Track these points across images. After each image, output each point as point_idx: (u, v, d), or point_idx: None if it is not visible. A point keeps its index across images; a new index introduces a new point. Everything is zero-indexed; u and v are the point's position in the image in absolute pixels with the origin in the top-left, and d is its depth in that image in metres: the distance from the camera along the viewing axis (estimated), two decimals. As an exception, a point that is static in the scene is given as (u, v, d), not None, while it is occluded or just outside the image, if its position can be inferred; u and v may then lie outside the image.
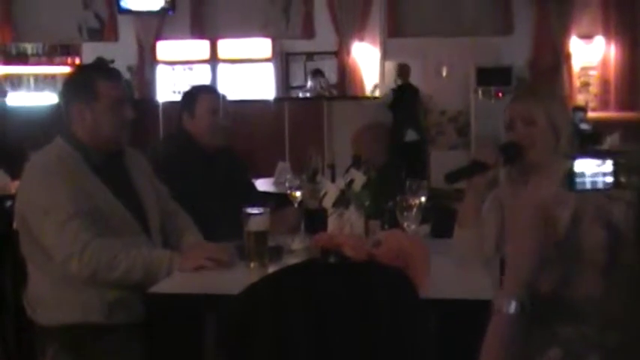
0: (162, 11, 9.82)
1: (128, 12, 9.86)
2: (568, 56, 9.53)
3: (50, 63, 10.31)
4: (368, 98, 9.28)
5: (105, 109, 2.31)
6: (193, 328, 2.11)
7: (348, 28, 9.63)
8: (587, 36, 9.58)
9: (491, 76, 9.40)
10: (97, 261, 2.16)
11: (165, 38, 10.10)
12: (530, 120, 2.14)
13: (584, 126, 8.38)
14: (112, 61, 8.60)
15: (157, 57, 10.12)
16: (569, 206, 2.06)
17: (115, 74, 2.46)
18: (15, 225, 2.37)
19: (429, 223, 2.63)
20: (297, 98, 9.23)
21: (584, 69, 9.68)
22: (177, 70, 10.24)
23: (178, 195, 2.65)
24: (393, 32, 9.78)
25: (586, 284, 2.10)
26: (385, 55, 9.74)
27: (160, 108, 8.31)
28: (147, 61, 10.02)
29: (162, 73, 10.20)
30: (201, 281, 2.15)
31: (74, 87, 2.38)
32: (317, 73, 9.25)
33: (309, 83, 9.25)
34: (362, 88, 9.72)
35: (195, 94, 3.12)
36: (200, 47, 10.14)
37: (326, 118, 7.69)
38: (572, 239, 2.08)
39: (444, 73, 9.73)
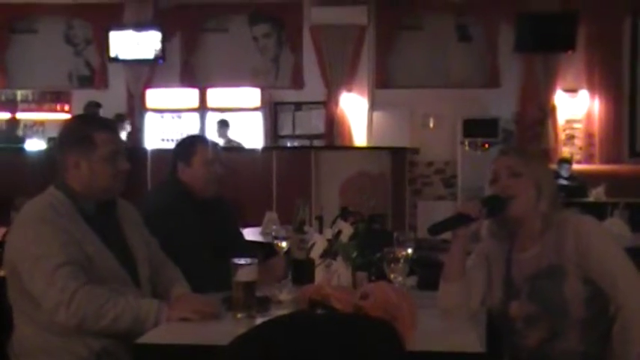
0: (153, 60, 9.92)
1: (119, 61, 9.96)
2: (553, 109, 9.68)
3: (39, 109, 10.36)
4: (356, 148, 9.35)
5: (100, 160, 2.33)
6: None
7: (336, 78, 9.75)
8: (572, 90, 9.74)
9: (478, 128, 9.51)
10: (85, 309, 2.16)
11: (155, 86, 10.19)
12: (514, 172, 2.18)
13: (568, 179, 8.46)
14: (101, 105, 8.66)
15: (146, 105, 10.19)
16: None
17: (111, 126, 2.49)
18: (3, 272, 2.36)
19: (416, 275, 2.65)
20: (286, 147, 9.30)
21: (569, 122, 9.83)
22: (166, 118, 10.29)
23: (170, 245, 2.66)
24: (381, 83, 9.92)
25: (570, 338, 2.12)
26: (373, 106, 9.85)
27: (149, 155, 8.32)
28: (136, 108, 10.08)
29: (151, 121, 10.25)
30: (189, 332, 2.14)
31: (70, 136, 2.39)
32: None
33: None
34: (350, 138, 9.81)
35: (191, 144, 3.14)
36: (189, 96, 10.22)
37: (314, 167, 7.73)
38: (558, 295, 2.11)
39: (431, 125, 9.84)
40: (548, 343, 2.14)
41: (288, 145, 9.48)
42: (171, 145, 3.41)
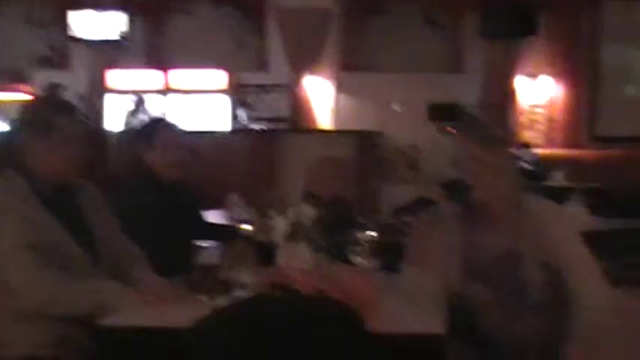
0: (117, 41, 9.79)
1: (81, 41, 9.80)
2: (515, 94, 9.78)
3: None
4: (322, 132, 9.35)
5: (58, 143, 2.31)
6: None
7: (301, 61, 9.72)
8: (533, 75, 9.84)
9: (443, 113, 9.57)
10: (46, 293, 2.15)
11: (118, 68, 10.05)
12: (475, 157, 2.20)
13: (530, 164, 8.57)
14: (63, 87, 8.54)
15: (109, 86, 10.05)
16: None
17: (71, 108, 2.46)
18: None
19: (379, 258, 2.67)
20: (251, 130, 9.25)
21: (531, 107, 9.92)
22: (129, 99, 10.16)
23: (132, 227, 2.64)
24: (347, 67, 9.91)
25: (527, 321, 2.16)
26: (338, 90, 9.85)
27: (110, 138, 8.23)
28: (98, 90, 9.94)
29: (113, 103, 10.11)
30: (151, 314, 2.14)
31: (29, 119, 2.36)
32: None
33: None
34: (315, 121, 9.80)
35: (154, 127, 3.12)
36: (153, 77, 10.11)
37: (279, 151, 7.72)
38: (516, 278, 2.14)
39: (397, 109, 9.87)
40: (506, 326, 2.18)
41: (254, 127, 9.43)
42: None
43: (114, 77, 10.07)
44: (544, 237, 2.11)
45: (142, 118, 8.83)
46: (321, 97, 9.86)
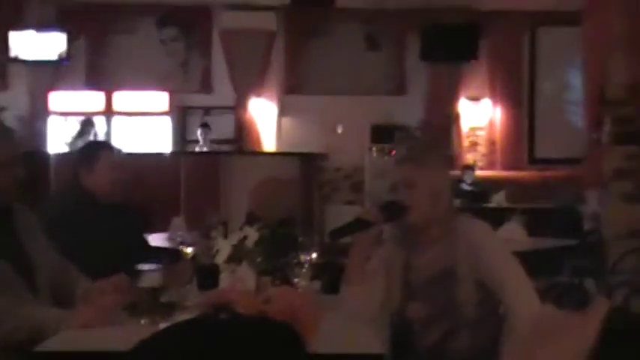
0: (56, 61, 9.64)
1: (19, 61, 9.63)
2: (457, 117, 9.96)
3: None
4: (265, 154, 9.36)
5: None
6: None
7: (245, 83, 9.74)
8: (475, 98, 10.05)
9: (386, 135, 9.68)
10: None
11: (59, 89, 9.91)
12: (409, 183, 2.24)
13: (471, 185, 8.72)
14: (2, 108, 8.38)
15: (50, 108, 9.90)
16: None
17: (5, 132, 2.42)
18: None
19: (321, 279, 2.69)
20: (194, 152, 9.21)
21: (473, 129, 10.12)
22: (70, 121, 10.01)
23: (71, 251, 2.61)
24: (290, 89, 9.97)
25: (462, 338, 2.20)
26: (282, 112, 9.90)
27: (52, 160, 8.10)
28: (39, 111, 9.77)
29: (55, 125, 9.95)
30: (90, 338, 2.11)
31: None
32: (204, 127, 9.23)
33: (200, 136, 9.23)
34: (259, 143, 9.81)
35: (94, 149, 3.10)
36: (95, 99, 9.98)
37: (222, 173, 7.69)
38: (452, 297, 2.19)
39: (340, 131, 9.95)
40: (443, 343, 2.22)
41: (197, 150, 9.40)
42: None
43: (57, 99, 9.91)
44: (479, 257, 2.16)
45: (92, 139, 8.73)
46: (266, 119, 9.89)
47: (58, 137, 9.87)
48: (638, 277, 4.47)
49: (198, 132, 9.13)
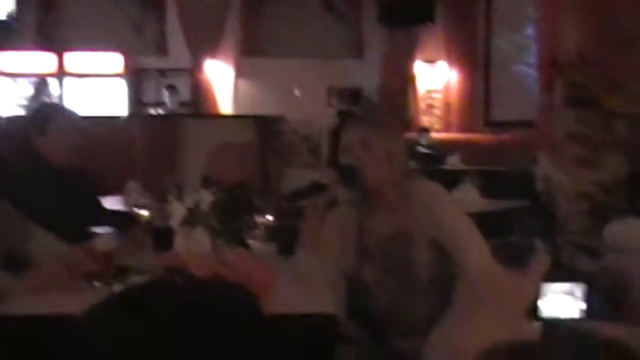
0: (5, 21, 9.38)
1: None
2: (413, 80, 10.00)
3: None
4: (222, 117, 9.30)
5: None
6: (36, 349, 2.07)
7: (201, 45, 9.62)
8: (431, 60, 10.09)
9: (343, 98, 9.69)
10: None
11: (8, 49, 9.65)
12: (365, 144, 2.25)
13: (427, 148, 8.79)
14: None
15: (1, 69, 9.66)
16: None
17: None
18: None
19: (276, 241, 2.71)
20: (151, 116, 9.10)
21: (429, 92, 10.17)
22: (20, 82, 9.79)
23: (24, 213, 2.58)
24: (247, 52, 9.88)
25: (417, 300, 2.25)
26: (238, 75, 9.82)
27: (2, 123, 7.93)
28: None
29: (3, 86, 9.72)
30: (45, 302, 2.11)
31: None
32: (171, 89, 9.16)
33: (166, 99, 9.15)
34: (216, 106, 9.73)
35: (47, 113, 3.04)
36: (46, 60, 9.76)
37: (179, 136, 7.63)
38: (406, 259, 2.23)
39: (297, 94, 9.92)
40: (397, 305, 2.26)
41: (152, 112, 9.28)
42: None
43: (6, 59, 9.68)
44: (432, 217, 2.19)
45: (45, 101, 8.56)
46: (222, 81, 9.80)
47: (8, 99, 9.65)
48: (584, 237, 4.59)
49: (165, 94, 9.03)
